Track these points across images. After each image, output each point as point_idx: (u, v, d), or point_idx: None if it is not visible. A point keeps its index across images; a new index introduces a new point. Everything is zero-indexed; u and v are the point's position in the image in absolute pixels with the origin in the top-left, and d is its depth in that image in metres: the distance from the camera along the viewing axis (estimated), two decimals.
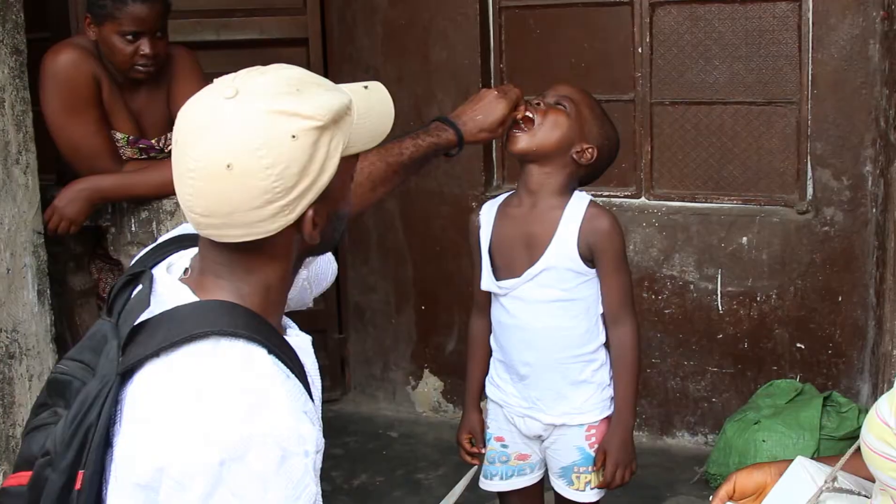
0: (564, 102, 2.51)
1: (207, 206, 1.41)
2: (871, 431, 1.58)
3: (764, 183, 4.15)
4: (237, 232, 1.43)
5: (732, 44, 4.11)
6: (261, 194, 1.39)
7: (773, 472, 1.89)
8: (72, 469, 1.42)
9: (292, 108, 1.41)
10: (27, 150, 2.85)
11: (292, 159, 1.40)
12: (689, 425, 4.32)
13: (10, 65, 2.79)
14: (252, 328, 1.43)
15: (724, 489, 1.92)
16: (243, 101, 1.42)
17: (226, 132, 1.39)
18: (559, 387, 2.58)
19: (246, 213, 1.40)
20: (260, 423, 1.35)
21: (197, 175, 1.40)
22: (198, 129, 1.42)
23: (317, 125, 1.42)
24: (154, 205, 3.07)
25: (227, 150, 1.38)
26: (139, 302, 1.47)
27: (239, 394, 1.36)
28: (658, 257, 4.25)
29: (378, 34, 4.57)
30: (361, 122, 1.53)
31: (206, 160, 1.39)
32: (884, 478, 1.56)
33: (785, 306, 4.09)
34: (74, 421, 1.42)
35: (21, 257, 2.83)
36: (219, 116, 1.41)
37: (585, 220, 2.48)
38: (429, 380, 4.72)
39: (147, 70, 3.03)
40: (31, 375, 2.87)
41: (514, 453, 2.70)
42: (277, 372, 1.41)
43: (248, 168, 1.38)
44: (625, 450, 2.59)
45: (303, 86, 1.46)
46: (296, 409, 1.39)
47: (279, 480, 1.35)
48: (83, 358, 1.50)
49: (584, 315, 2.54)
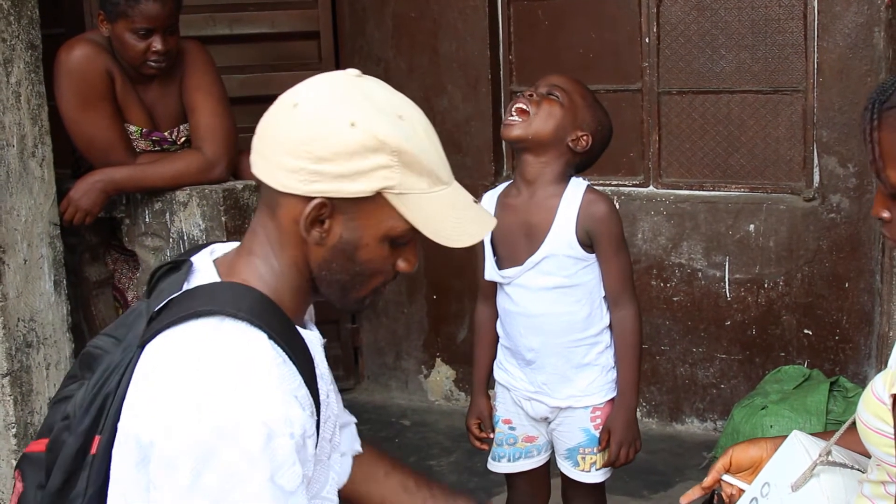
0: (556, 92, 2.55)
1: (263, 128, 1.51)
2: (866, 408, 1.58)
3: (771, 171, 4.18)
4: (265, 167, 1.49)
5: (739, 33, 4.13)
6: (296, 144, 1.45)
7: (768, 447, 1.91)
8: (88, 433, 1.48)
9: (376, 114, 1.47)
10: (43, 143, 2.90)
11: (335, 139, 1.44)
12: (697, 411, 4.36)
13: (25, 60, 2.84)
14: (256, 312, 1.46)
15: (721, 462, 1.94)
16: (359, 82, 1.52)
17: (320, 85, 1.52)
18: (564, 370, 2.63)
19: (278, 151, 1.47)
20: (249, 401, 1.39)
21: (276, 102, 1.52)
22: (312, 79, 1.55)
23: (381, 139, 1.45)
24: (167, 196, 3.10)
25: (306, 96, 1.49)
26: (172, 283, 1.55)
27: (231, 372, 1.40)
28: (666, 245, 4.28)
29: (388, 27, 4.61)
30: (429, 203, 1.51)
31: (290, 93, 1.52)
32: (879, 454, 1.57)
33: (792, 293, 4.12)
34: (94, 387, 1.50)
35: (37, 248, 2.89)
36: (333, 78, 1.53)
37: (583, 206, 2.52)
38: (441, 368, 4.77)
39: (159, 66, 3.07)
40: (48, 364, 2.93)
41: (521, 436, 2.75)
42: (274, 356, 1.45)
43: (304, 117, 1.46)
44: (628, 429, 2.63)
45: (409, 121, 1.50)
46: (286, 392, 1.43)
47: (264, 459, 1.38)
48: (116, 333, 1.58)
49: (586, 300, 2.59)
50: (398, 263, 1.57)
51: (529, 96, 2.53)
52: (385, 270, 1.56)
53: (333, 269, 1.53)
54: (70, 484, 1.49)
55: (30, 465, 1.56)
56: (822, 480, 1.73)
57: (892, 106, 1.44)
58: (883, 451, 1.54)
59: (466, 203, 1.56)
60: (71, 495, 1.48)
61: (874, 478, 1.63)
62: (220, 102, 3.20)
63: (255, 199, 3.17)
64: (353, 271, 1.54)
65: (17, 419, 2.84)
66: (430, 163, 1.49)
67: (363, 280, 1.56)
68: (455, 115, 4.47)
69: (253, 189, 3.18)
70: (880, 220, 1.53)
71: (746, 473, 1.92)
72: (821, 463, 1.74)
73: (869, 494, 1.64)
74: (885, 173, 1.46)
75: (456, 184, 1.57)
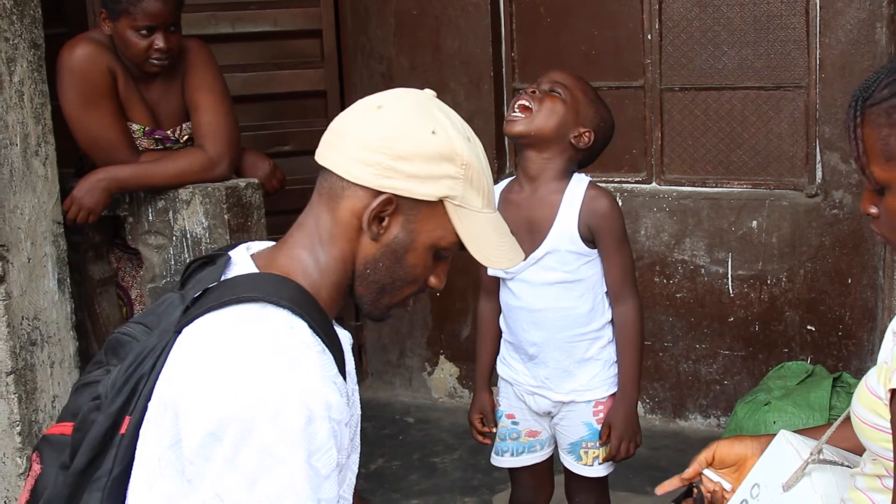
0: (558, 89, 2.55)
1: (340, 124, 1.60)
2: (861, 403, 1.58)
3: (773, 167, 4.18)
4: (336, 157, 1.57)
5: (741, 29, 4.13)
6: (377, 140, 1.54)
7: (754, 446, 1.90)
8: (119, 414, 1.51)
9: (453, 129, 1.57)
10: (46, 142, 2.91)
11: (416, 141, 1.54)
12: (701, 408, 4.36)
13: (28, 59, 2.85)
14: (297, 302, 1.51)
15: (704, 455, 1.94)
16: (435, 101, 1.63)
17: (403, 95, 1.63)
18: (566, 365, 2.64)
19: (356, 145, 1.55)
20: (291, 382, 1.42)
21: (357, 104, 1.62)
22: (395, 90, 1.67)
23: (455, 150, 1.55)
24: (170, 194, 3.11)
25: (390, 102, 1.59)
26: (209, 273, 1.60)
27: (275, 353, 1.44)
28: (669, 242, 4.29)
29: (391, 25, 4.61)
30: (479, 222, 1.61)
31: (372, 97, 1.62)
32: (875, 448, 1.56)
33: (795, 289, 4.12)
34: (129, 369, 1.53)
35: (41, 247, 2.90)
36: (414, 92, 1.64)
37: (585, 201, 2.53)
38: (444, 366, 4.78)
39: (161, 64, 3.08)
40: (52, 362, 2.94)
41: (524, 430, 2.77)
42: (315, 342, 1.49)
43: (389, 118, 1.56)
44: (629, 423, 2.64)
45: (474, 143, 1.61)
46: (326, 378, 1.46)
47: (303, 441, 1.41)
48: (146, 321, 1.63)
49: (588, 294, 2.60)
50: (430, 279, 1.66)
51: (532, 93, 2.54)
52: (421, 280, 1.65)
53: (379, 269, 1.60)
54: (96, 463, 1.51)
55: (49, 447, 1.59)
56: (813, 479, 1.73)
57: (874, 102, 1.45)
58: (880, 445, 1.54)
59: (505, 231, 1.68)
60: (96, 475, 1.51)
61: (869, 471, 1.63)
62: (222, 101, 3.21)
63: (258, 196, 3.18)
64: (395, 274, 1.61)
65: (22, 417, 2.85)
66: (487, 185, 1.61)
67: (401, 286, 1.63)
68: (458, 113, 4.44)
69: (256, 187, 3.19)
70: (869, 216, 1.54)
71: (729, 471, 1.92)
72: (812, 461, 1.74)
73: (863, 488, 1.64)
74: (869, 169, 1.47)
75: (498, 213, 1.68)
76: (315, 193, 1.62)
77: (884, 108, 1.44)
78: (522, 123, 2.52)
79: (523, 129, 2.53)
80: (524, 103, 2.53)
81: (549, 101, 2.53)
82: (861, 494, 1.64)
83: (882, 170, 1.46)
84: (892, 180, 1.45)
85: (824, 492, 1.72)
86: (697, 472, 1.95)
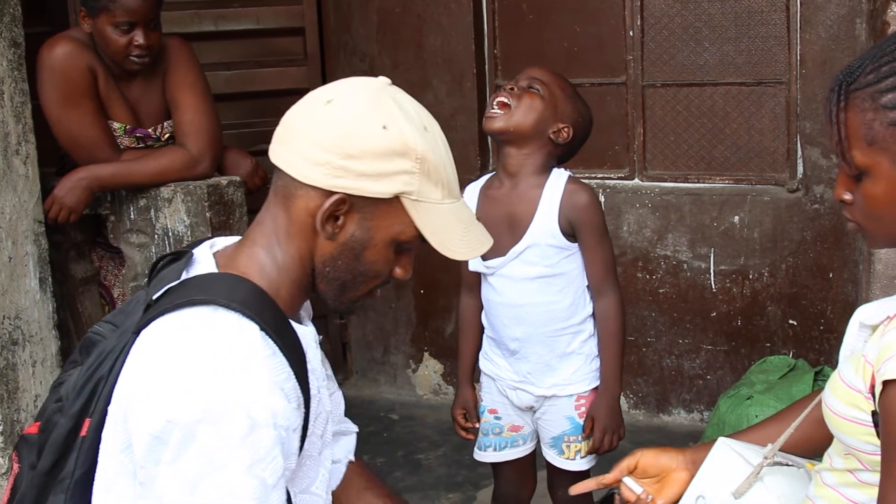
0: (537, 85, 2.57)
1: (291, 118, 1.56)
2: (836, 397, 1.54)
3: (755, 162, 4.20)
4: (288, 157, 1.53)
5: (722, 25, 4.15)
6: (326, 138, 1.49)
7: (680, 459, 1.88)
8: (79, 416, 1.51)
9: (405, 122, 1.52)
10: (27, 141, 2.91)
11: (366, 139, 1.49)
12: (684, 402, 4.38)
13: (8, 57, 2.84)
14: (249, 303, 1.49)
15: (626, 463, 1.91)
16: (390, 90, 1.57)
17: (353, 87, 1.57)
18: (548, 359, 2.65)
19: (306, 143, 1.51)
20: (236, 389, 1.40)
21: (306, 97, 1.57)
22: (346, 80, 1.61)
23: (408, 145, 1.50)
24: (152, 192, 3.11)
25: (340, 95, 1.54)
26: (171, 272, 1.59)
27: (221, 358, 1.42)
28: (651, 237, 4.30)
29: (373, 22, 4.61)
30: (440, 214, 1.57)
31: (322, 90, 1.57)
32: (853, 442, 1.53)
33: (777, 284, 4.14)
34: (88, 371, 1.53)
35: (22, 246, 2.89)
36: (366, 82, 1.59)
37: (565, 196, 2.54)
38: (429, 363, 4.78)
39: (142, 61, 3.07)
40: (34, 361, 2.93)
41: (507, 425, 2.78)
42: (263, 347, 1.47)
43: (337, 113, 1.51)
44: (612, 416, 2.65)
45: (432, 133, 1.56)
46: (273, 383, 1.44)
47: (244, 448, 1.39)
48: (115, 320, 1.62)
49: (569, 289, 2.61)
50: (395, 270, 1.63)
51: (510, 89, 2.55)
52: (384, 274, 1.62)
53: (338, 267, 1.58)
54: (60, 465, 1.52)
55: (26, 447, 1.60)
56: (766, 483, 1.71)
57: (859, 87, 1.44)
58: (860, 439, 1.51)
59: (471, 220, 1.63)
60: (60, 476, 1.51)
61: (839, 466, 1.61)
62: (203, 99, 3.20)
63: (240, 194, 3.18)
64: (356, 270, 1.59)
65: (4, 417, 2.84)
66: (446, 175, 1.56)
67: (363, 281, 1.61)
68: (440, 110, 4.48)
69: (238, 185, 3.18)
70: (842, 203, 1.53)
71: (651, 481, 1.90)
72: (767, 464, 1.71)
73: (833, 484, 1.61)
74: (850, 154, 1.46)
75: (463, 200, 1.63)
76: (271, 191, 1.59)
77: (869, 92, 1.43)
78: (501, 120, 2.53)
79: (502, 126, 2.53)
80: (503, 100, 2.54)
81: (527, 98, 2.54)
82: (831, 491, 1.61)
83: (863, 154, 1.45)
84: (873, 165, 1.44)
85: (780, 492, 1.70)
86: (618, 478, 1.92)
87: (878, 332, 1.50)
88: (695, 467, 1.86)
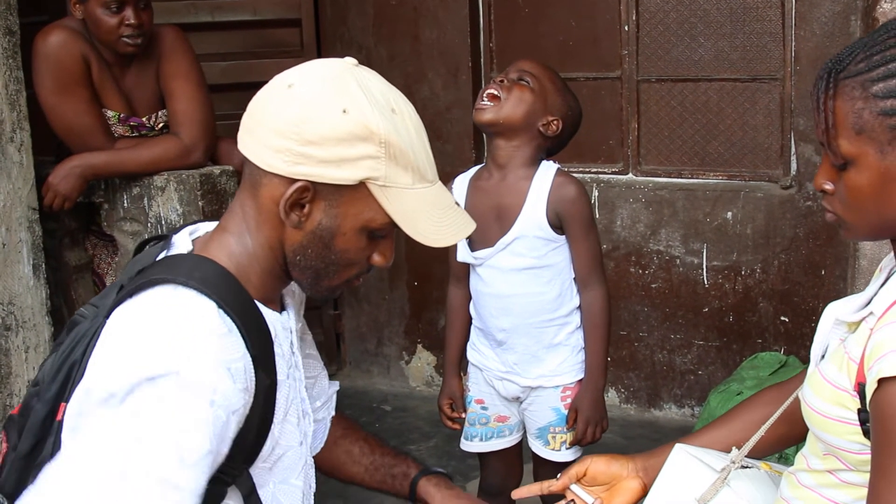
0: (527, 77, 2.58)
1: (254, 105, 1.52)
2: (819, 396, 1.51)
3: (748, 158, 4.21)
4: (251, 144, 1.51)
5: (717, 21, 4.16)
6: (285, 124, 1.46)
7: (631, 467, 1.87)
8: (55, 401, 1.51)
9: (369, 104, 1.47)
10: (21, 129, 2.92)
11: (325, 123, 1.45)
12: (675, 397, 4.39)
13: (3, 45, 2.85)
14: (209, 283, 1.48)
15: (575, 470, 1.89)
16: (355, 71, 1.53)
17: (316, 70, 1.52)
18: (535, 350, 2.66)
19: (267, 130, 1.48)
20: (180, 361, 1.38)
21: (271, 81, 1.53)
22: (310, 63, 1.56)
23: (371, 129, 1.46)
24: (145, 181, 3.12)
25: (301, 79, 1.50)
26: (146, 255, 1.61)
27: (171, 332, 1.41)
28: (645, 232, 4.32)
29: (369, 15, 4.63)
30: (412, 199, 1.52)
31: (285, 74, 1.53)
32: (838, 442, 1.50)
33: (769, 280, 4.16)
34: (62, 355, 1.54)
35: (16, 232, 2.91)
36: (330, 64, 1.54)
37: (553, 188, 2.55)
38: (422, 355, 4.80)
39: (134, 42, 3.06)
40: (27, 347, 2.95)
41: (493, 415, 2.79)
42: (218, 325, 1.45)
43: (297, 99, 1.47)
44: (595, 408, 2.66)
45: (400, 115, 1.51)
46: (220, 362, 1.42)
47: (177, 418, 1.37)
48: (97, 303, 1.62)
49: (556, 280, 2.62)
50: (373, 257, 1.59)
51: (500, 82, 2.57)
52: (360, 262, 1.58)
53: (308, 255, 1.55)
54: (38, 448, 1.52)
55: (11, 426, 1.60)
56: (734, 487, 1.68)
57: (849, 76, 1.43)
58: (846, 438, 1.49)
59: (448, 204, 1.58)
60: (38, 459, 1.51)
61: (818, 467, 1.58)
62: (197, 88, 3.21)
63: (233, 184, 3.19)
64: (327, 259, 1.55)
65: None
66: (416, 159, 1.51)
67: (337, 269, 1.57)
68: (436, 103, 4.50)
69: (231, 174, 3.20)
70: (822, 193, 1.52)
71: (600, 489, 1.88)
72: (734, 468, 1.69)
73: (812, 485, 1.59)
74: (836, 142, 1.44)
75: (440, 184, 1.58)
76: (242, 179, 1.58)
77: (859, 81, 1.42)
78: (491, 112, 2.54)
79: (492, 118, 2.55)
80: (492, 92, 2.55)
81: (517, 90, 2.55)
82: (809, 492, 1.59)
83: (850, 143, 1.43)
84: (859, 155, 1.43)
85: (749, 497, 1.68)
86: (566, 485, 1.90)
87: (863, 330, 1.48)
88: (646, 475, 1.85)
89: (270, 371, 1.53)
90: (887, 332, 1.38)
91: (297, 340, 1.69)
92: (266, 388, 1.52)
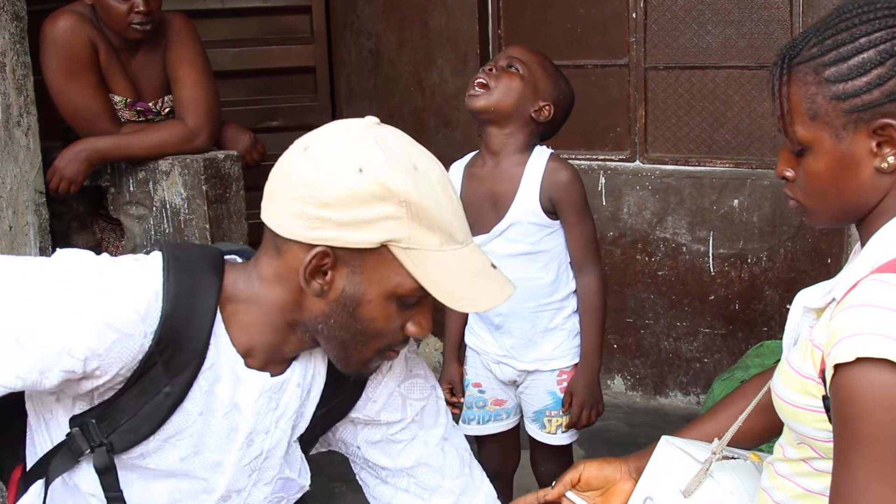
0: (516, 64, 2.59)
1: (274, 171, 1.45)
2: (787, 385, 1.50)
3: (755, 146, 4.21)
4: (270, 210, 1.44)
5: (725, 8, 4.16)
6: (301, 187, 1.39)
7: (624, 469, 1.85)
8: None
9: (387, 162, 1.39)
10: (28, 113, 2.95)
11: (341, 184, 1.37)
12: (681, 385, 4.40)
13: (10, 30, 2.89)
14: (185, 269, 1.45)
15: (569, 476, 1.86)
16: (375, 129, 1.44)
17: (333, 131, 1.45)
18: (531, 335, 2.68)
19: (284, 195, 1.41)
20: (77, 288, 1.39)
21: (292, 145, 1.46)
22: (329, 124, 1.49)
23: (389, 187, 1.37)
24: (150, 165, 3.15)
25: (317, 140, 1.43)
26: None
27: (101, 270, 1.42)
28: (651, 220, 4.32)
29: (379, 1, 4.64)
30: (441, 263, 1.41)
31: (304, 137, 1.46)
32: (807, 430, 1.49)
33: (775, 268, 4.16)
34: None
35: (23, 216, 2.94)
36: (348, 124, 1.46)
37: (546, 173, 2.57)
38: (429, 340, 4.82)
39: (143, 28, 3.08)
40: None
41: (490, 399, 2.81)
42: (143, 302, 1.40)
43: (312, 160, 1.40)
44: (590, 391, 2.68)
45: (424, 173, 1.41)
46: (103, 324, 1.37)
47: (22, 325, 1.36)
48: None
49: (552, 265, 2.64)
50: (408, 327, 1.48)
51: (489, 70, 2.59)
52: (391, 332, 1.47)
53: (332, 325, 1.45)
54: None
55: None
56: (717, 478, 1.68)
57: (802, 61, 1.42)
58: (813, 426, 1.47)
59: (480, 267, 1.46)
60: None
61: (793, 456, 1.57)
62: (203, 74, 3.24)
63: (237, 168, 3.21)
64: (354, 329, 1.45)
65: None
66: (442, 218, 1.40)
67: (365, 340, 1.47)
68: (444, 90, 4.51)
69: (235, 159, 3.22)
70: (784, 179, 1.52)
71: (594, 494, 1.86)
72: (716, 459, 1.68)
73: (787, 474, 1.58)
74: (792, 128, 1.44)
75: (473, 245, 1.47)
76: (263, 242, 1.50)
77: (812, 66, 1.41)
78: (481, 100, 2.56)
79: (483, 105, 2.56)
80: (482, 80, 2.57)
81: (506, 77, 2.57)
82: (786, 481, 1.58)
83: (805, 129, 1.43)
84: (815, 140, 1.43)
85: (732, 488, 1.67)
86: (561, 493, 1.86)
87: (826, 316, 1.47)
88: (639, 475, 1.83)
89: (176, 386, 1.46)
90: (843, 318, 1.37)
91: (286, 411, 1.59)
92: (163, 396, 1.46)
